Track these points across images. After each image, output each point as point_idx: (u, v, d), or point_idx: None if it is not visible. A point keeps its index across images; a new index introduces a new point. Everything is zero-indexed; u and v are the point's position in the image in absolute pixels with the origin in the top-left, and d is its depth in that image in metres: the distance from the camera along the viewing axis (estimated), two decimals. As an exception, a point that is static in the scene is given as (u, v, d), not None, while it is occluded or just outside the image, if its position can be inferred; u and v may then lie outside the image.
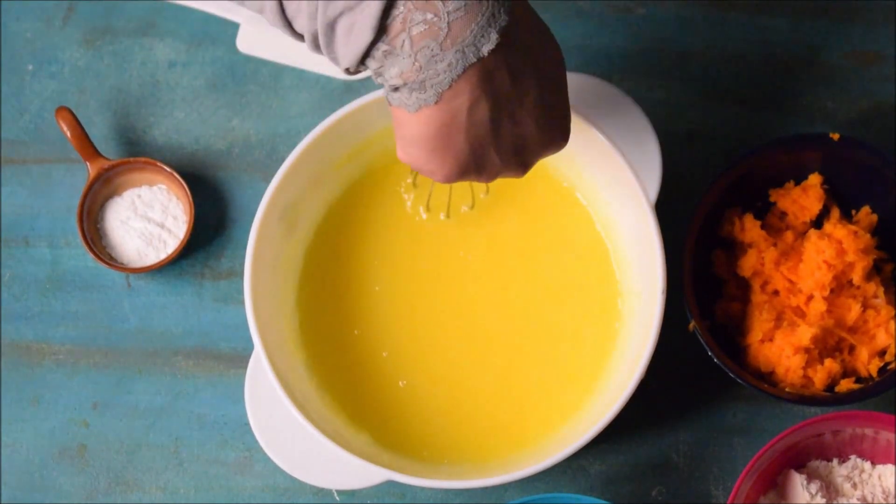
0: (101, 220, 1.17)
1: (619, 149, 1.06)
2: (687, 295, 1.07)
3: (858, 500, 1.07)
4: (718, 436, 1.13)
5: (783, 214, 1.14)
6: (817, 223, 1.13)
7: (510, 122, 0.84)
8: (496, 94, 0.82)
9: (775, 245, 1.12)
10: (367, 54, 0.80)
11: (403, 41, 0.78)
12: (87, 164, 1.16)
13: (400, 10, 0.78)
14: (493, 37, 0.79)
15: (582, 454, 1.06)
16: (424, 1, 0.78)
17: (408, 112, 0.81)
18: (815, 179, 1.13)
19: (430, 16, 0.78)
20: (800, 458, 1.09)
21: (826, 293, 1.09)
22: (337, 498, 1.13)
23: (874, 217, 1.13)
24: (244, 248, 1.06)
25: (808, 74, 1.21)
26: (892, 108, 1.20)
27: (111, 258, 1.16)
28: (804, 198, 1.12)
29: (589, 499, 1.02)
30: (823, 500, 1.06)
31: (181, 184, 1.16)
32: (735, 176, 1.11)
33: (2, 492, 1.13)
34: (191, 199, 1.15)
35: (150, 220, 1.17)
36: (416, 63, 0.79)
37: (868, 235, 1.11)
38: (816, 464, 1.10)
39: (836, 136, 1.11)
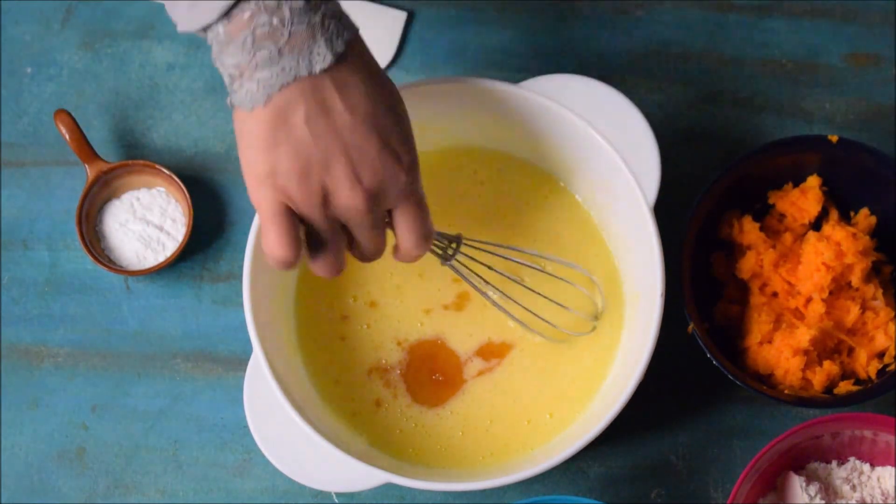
0: (100, 222, 1.17)
1: (617, 151, 1.06)
2: (686, 297, 1.07)
3: (857, 501, 1.07)
4: (717, 438, 1.13)
5: (782, 216, 1.14)
6: (816, 225, 1.13)
7: (334, 136, 0.87)
8: (321, 107, 0.87)
9: (774, 247, 1.12)
10: (205, 29, 0.86)
11: (246, 37, 0.84)
12: (86, 166, 1.16)
13: (250, 7, 0.84)
14: (328, 58, 0.86)
15: (581, 456, 1.06)
16: (275, 5, 0.84)
17: (241, 111, 0.87)
18: (813, 181, 1.13)
19: (276, 21, 0.84)
20: (799, 460, 1.09)
21: (825, 295, 1.09)
22: (336, 500, 1.13)
23: (873, 219, 1.13)
24: (243, 250, 1.05)
25: (806, 76, 1.21)
26: (891, 109, 1.20)
27: (110, 261, 1.16)
28: (803, 200, 1.12)
29: (588, 500, 1.02)
30: (822, 502, 1.06)
31: (180, 186, 1.16)
32: (734, 178, 1.11)
33: (1, 494, 1.13)
34: (189, 201, 1.15)
35: (148, 222, 1.17)
36: (254, 60, 0.85)
37: (867, 237, 1.11)
38: (815, 465, 1.10)
39: (834, 138, 1.11)
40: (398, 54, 1.22)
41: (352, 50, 0.88)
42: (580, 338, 1.10)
